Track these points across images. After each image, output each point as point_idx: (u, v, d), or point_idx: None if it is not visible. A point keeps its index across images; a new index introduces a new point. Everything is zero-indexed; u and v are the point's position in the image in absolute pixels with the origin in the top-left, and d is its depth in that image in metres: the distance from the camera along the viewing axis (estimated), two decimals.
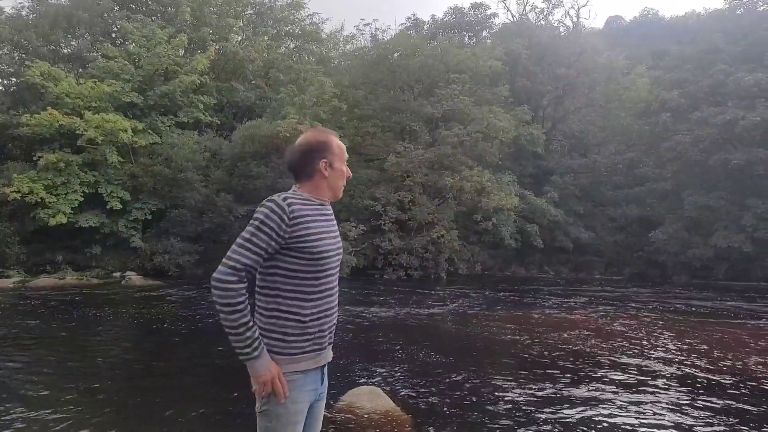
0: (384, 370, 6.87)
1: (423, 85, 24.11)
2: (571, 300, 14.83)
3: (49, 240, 19.08)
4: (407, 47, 24.04)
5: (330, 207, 2.14)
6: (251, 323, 1.88)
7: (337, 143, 2.11)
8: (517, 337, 9.26)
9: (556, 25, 34.35)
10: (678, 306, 13.91)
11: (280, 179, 18.10)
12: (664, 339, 9.17)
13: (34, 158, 18.67)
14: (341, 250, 2.13)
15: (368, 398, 5.20)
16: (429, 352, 8.00)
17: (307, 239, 1.94)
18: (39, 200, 17.76)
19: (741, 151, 21.22)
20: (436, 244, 20.41)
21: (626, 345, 8.63)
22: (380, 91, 24.26)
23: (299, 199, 1.99)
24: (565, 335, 9.39)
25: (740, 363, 7.45)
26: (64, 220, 17.97)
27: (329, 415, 4.59)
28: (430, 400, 5.62)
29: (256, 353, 1.88)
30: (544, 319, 11.44)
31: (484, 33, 33.59)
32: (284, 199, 1.93)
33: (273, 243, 1.89)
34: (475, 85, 23.39)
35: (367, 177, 21.58)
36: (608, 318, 11.51)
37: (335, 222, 2.15)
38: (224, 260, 1.89)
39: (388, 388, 5.77)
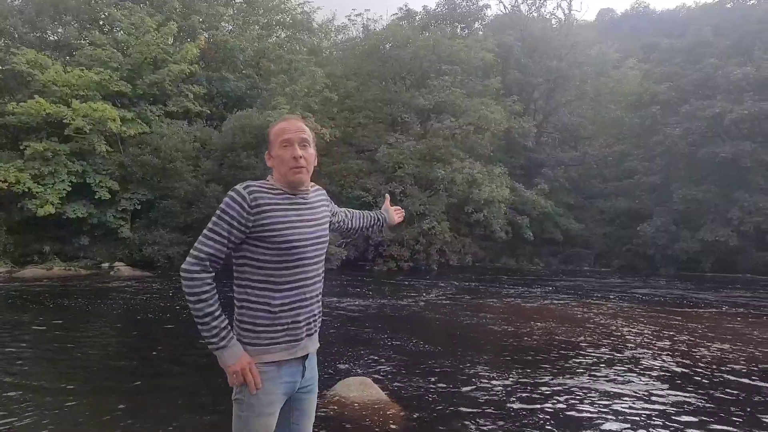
0: (373, 360, 6.88)
1: (415, 76, 24.05)
2: (559, 291, 14.93)
3: (37, 230, 18.89)
4: (399, 38, 23.94)
5: (308, 196, 2.07)
6: (218, 313, 1.87)
7: (275, 130, 2.05)
8: (504, 328, 9.31)
9: (548, 17, 34.35)
10: (661, 297, 14.05)
11: (270, 170, 18.02)
12: (645, 329, 9.26)
13: (21, 147, 18.43)
14: (323, 240, 2.06)
15: (358, 389, 5.21)
16: (418, 342, 8.03)
17: (273, 228, 1.90)
18: (26, 190, 17.55)
19: (729, 145, 21.39)
20: (427, 235, 20.45)
21: (610, 335, 8.70)
22: (372, 82, 24.18)
23: (265, 187, 1.97)
24: (551, 325, 9.46)
25: (714, 351, 7.55)
26: (53, 211, 17.77)
27: (318, 406, 4.60)
28: (419, 389, 5.64)
29: (222, 343, 1.87)
30: (530, 309, 11.52)
31: (477, 24, 33.45)
32: (245, 188, 1.92)
33: (235, 231, 1.88)
34: (467, 77, 23.38)
35: (358, 168, 21.55)
36: (594, 309, 11.60)
37: (317, 210, 2.07)
38: (190, 251, 1.90)
39: (377, 379, 5.78)
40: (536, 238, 23.69)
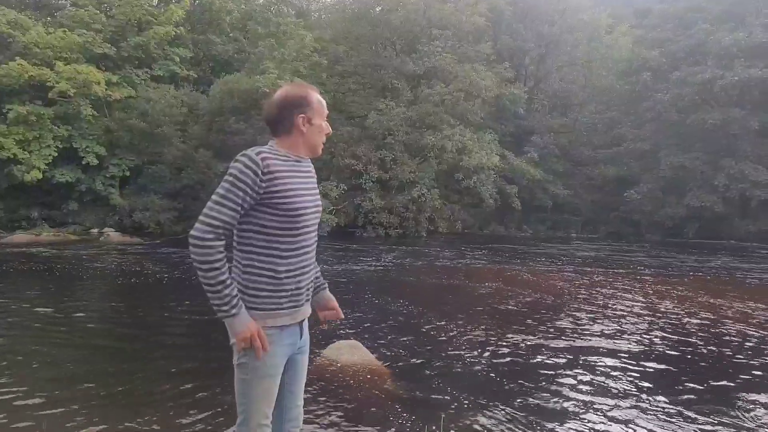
0: (363, 324, 7.01)
1: (405, 40, 23.71)
2: (545, 257, 15.14)
3: (24, 196, 18.72)
4: (389, 1, 23.47)
5: (309, 163, 2.11)
6: (229, 281, 1.87)
7: (317, 98, 2.06)
8: (490, 292, 9.49)
9: None
10: (643, 263, 14.30)
11: (260, 136, 17.87)
12: (623, 294, 9.47)
13: (4, 111, 18.08)
14: (319, 208, 2.10)
15: (348, 352, 5.31)
16: (406, 305, 8.17)
17: (282, 195, 1.91)
18: (12, 156, 17.30)
19: (718, 111, 21.48)
20: (417, 203, 20.52)
21: (592, 299, 8.90)
22: (362, 47, 23.81)
23: (275, 154, 1.96)
24: (535, 289, 9.64)
25: (691, 316, 7.77)
26: (40, 176, 17.59)
27: (310, 369, 4.70)
28: (407, 351, 5.77)
29: (234, 311, 1.88)
30: (516, 275, 11.68)
31: None
32: (258, 153, 1.90)
33: (248, 198, 1.88)
34: (458, 42, 23.07)
35: (348, 135, 21.41)
36: (578, 274, 11.80)
37: (314, 179, 2.12)
38: (201, 217, 1.87)
39: (367, 342, 5.89)
40: (525, 205, 23.85)
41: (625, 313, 7.95)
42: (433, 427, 3.75)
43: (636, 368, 5.40)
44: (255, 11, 25.97)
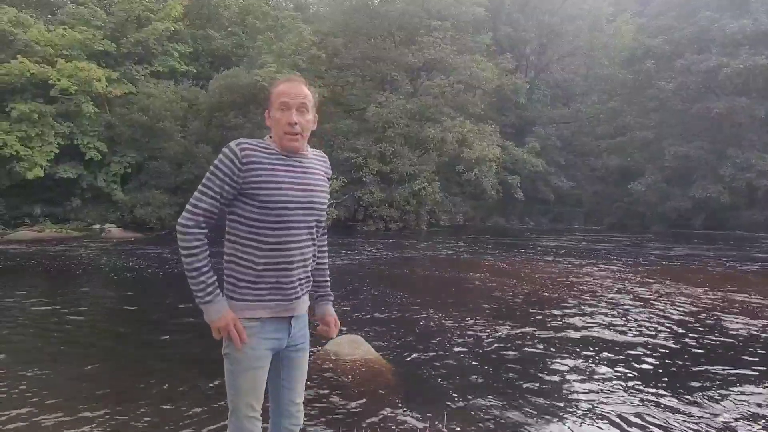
0: (364, 318, 6.99)
1: (404, 32, 23.56)
2: (545, 249, 15.08)
3: (26, 193, 18.80)
4: None
5: (304, 160, 2.04)
6: (206, 269, 1.92)
7: (276, 90, 2.03)
8: (491, 284, 9.44)
9: None
10: (645, 255, 14.23)
11: (259, 130, 17.84)
12: (629, 287, 9.42)
13: (6, 109, 18.11)
14: (316, 205, 2.03)
15: (349, 347, 5.28)
16: (407, 300, 8.15)
17: (261, 186, 1.92)
18: (14, 153, 17.34)
19: (723, 100, 21.29)
20: (418, 196, 20.47)
21: (593, 292, 8.85)
22: (360, 39, 23.67)
23: (260, 146, 1.96)
24: (537, 282, 9.60)
25: (690, 307, 7.71)
26: (42, 173, 17.65)
27: (311, 364, 4.67)
28: (409, 346, 5.75)
29: (208, 298, 1.92)
30: (517, 267, 11.65)
31: None
32: (238, 144, 1.93)
33: (227, 187, 1.91)
34: (458, 33, 22.93)
35: (348, 128, 21.34)
36: (580, 267, 11.75)
37: (312, 176, 2.04)
38: (186, 206, 1.94)
39: (369, 336, 5.86)
40: (527, 197, 23.78)
41: (623, 304, 7.90)
42: (436, 422, 3.72)
43: (636, 359, 5.36)
44: (253, 5, 25.90)
